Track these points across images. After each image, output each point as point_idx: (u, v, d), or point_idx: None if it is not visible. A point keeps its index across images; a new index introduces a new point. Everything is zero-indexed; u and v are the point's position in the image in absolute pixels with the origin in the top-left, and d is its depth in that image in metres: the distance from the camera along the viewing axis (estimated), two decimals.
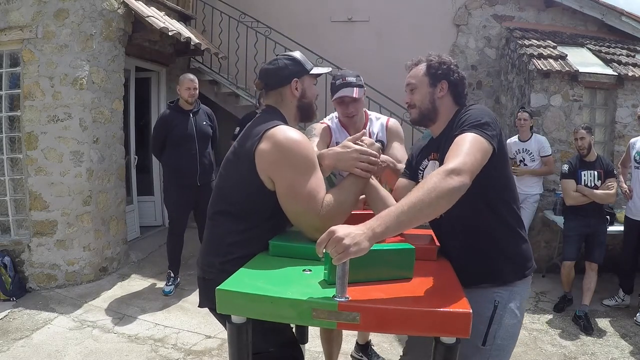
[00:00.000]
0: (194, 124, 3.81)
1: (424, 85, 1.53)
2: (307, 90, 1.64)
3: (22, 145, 3.95)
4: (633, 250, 3.77)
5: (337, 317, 1.08)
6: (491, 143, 1.33)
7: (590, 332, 3.35)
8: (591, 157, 3.73)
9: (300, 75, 1.61)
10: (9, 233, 4.04)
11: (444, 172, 1.21)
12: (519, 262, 1.49)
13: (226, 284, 1.20)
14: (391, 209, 1.18)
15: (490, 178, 1.39)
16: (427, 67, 1.54)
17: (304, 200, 1.42)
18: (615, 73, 4.76)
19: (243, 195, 1.49)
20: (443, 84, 1.52)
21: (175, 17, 5.44)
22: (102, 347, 2.99)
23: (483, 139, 1.32)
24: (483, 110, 1.44)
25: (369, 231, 1.11)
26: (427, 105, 1.54)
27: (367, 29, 6.46)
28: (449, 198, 1.19)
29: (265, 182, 1.45)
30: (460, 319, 1.05)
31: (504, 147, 1.44)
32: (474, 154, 1.27)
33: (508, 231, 1.48)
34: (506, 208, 1.47)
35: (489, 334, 1.39)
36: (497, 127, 1.39)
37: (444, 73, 1.52)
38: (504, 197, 1.47)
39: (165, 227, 5.40)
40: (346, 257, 1.07)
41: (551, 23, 6.12)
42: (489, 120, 1.37)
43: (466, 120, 1.39)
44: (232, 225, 1.49)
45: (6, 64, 4.01)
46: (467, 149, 1.28)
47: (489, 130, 1.34)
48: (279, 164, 1.42)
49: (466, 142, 1.30)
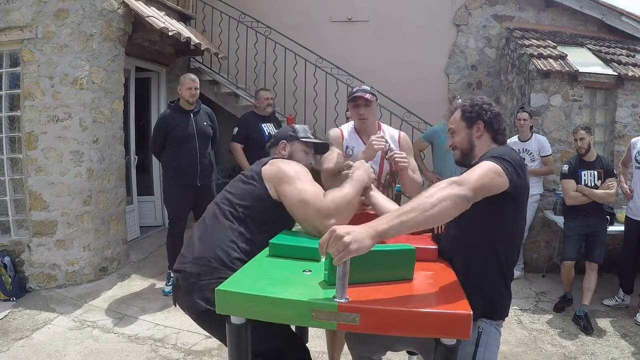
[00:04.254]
0: (195, 124, 3.81)
1: (461, 129, 1.65)
2: (295, 153, 1.93)
3: (22, 145, 3.95)
4: (633, 250, 3.76)
5: (337, 318, 1.08)
6: (506, 175, 1.37)
7: (590, 332, 3.35)
8: (591, 157, 3.73)
9: (290, 140, 1.95)
10: (9, 233, 4.03)
11: (448, 181, 1.28)
12: (493, 305, 1.49)
13: (226, 284, 1.20)
14: (395, 210, 1.21)
15: (498, 215, 1.44)
16: (462, 113, 1.66)
17: (310, 195, 1.63)
18: (615, 73, 4.75)
19: (248, 200, 1.69)
20: (479, 125, 1.62)
21: (175, 17, 5.44)
22: (102, 347, 2.99)
23: (497, 167, 1.37)
24: (508, 151, 1.50)
25: (371, 230, 1.12)
26: (466, 145, 1.65)
27: (367, 29, 6.45)
28: (450, 203, 1.22)
29: (271, 192, 1.67)
30: (460, 320, 1.05)
31: (521, 193, 1.46)
32: (482, 176, 1.33)
33: (496, 273, 1.49)
34: (503, 251, 1.49)
35: (477, 353, 1.42)
36: (519, 169, 1.42)
37: (477, 114, 1.62)
38: (506, 241, 1.49)
39: (165, 227, 5.40)
40: (347, 255, 1.07)
41: (551, 23, 6.12)
42: (509, 159, 1.41)
43: (488, 153, 1.50)
44: (225, 230, 1.64)
45: (6, 64, 4.01)
46: (478, 170, 1.36)
47: (507, 166, 1.38)
48: (281, 175, 1.69)
49: (480, 166, 1.38)
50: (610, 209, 4.04)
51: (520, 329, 3.43)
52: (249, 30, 5.81)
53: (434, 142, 4.38)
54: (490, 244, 1.47)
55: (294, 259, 1.43)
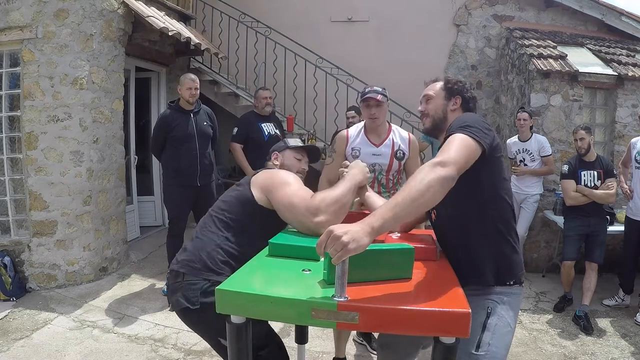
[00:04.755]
0: (195, 124, 3.81)
1: (439, 97, 1.69)
2: (287, 161, 2.03)
3: (22, 145, 3.95)
4: (633, 250, 3.76)
5: (337, 317, 1.08)
6: (480, 143, 1.40)
7: (590, 332, 3.35)
8: (591, 157, 3.73)
9: (281, 150, 2.06)
10: (9, 233, 4.04)
11: (431, 165, 1.29)
12: (503, 268, 1.51)
13: (226, 284, 1.20)
14: (386, 203, 1.23)
15: (480, 181, 1.47)
16: (445, 82, 1.71)
17: (293, 196, 1.66)
18: (615, 73, 4.75)
19: (238, 206, 1.76)
20: (457, 99, 1.67)
21: (175, 17, 5.44)
22: (102, 347, 2.99)
23: (469, 138, 1.40)
24: (471, 116, 1.53)
25: (367, 227, 1.13)
26: (439, 115, 1.68)
27: (367, 29, 6.45)
28: (439, 187, 1.25)
29: (260, 200, 1.73)
30: (459, 318, 1.05)
31: (497, 152, 1.49)
32: (459, 150, 1.35)
33: (496, 236, 1.52)
34: (497, 214, 1.52)
35: (482, 339, 1.41)
36: (486, 131, 1.45)
37: (459, 89, 1.68)
38: (494, 203, 1.52)
39: (165, 227, 5.40)
40: (346, 254, 1.08)
41: (551, 23, 6.12)
42: (476, 124, 1.45)
43: (454, 124, 1.50)
44: (212, 234, 1.72)
45: (6, 64, 4.01)
46: (453, 146, 1.37)
47: (477, 132, 1.41)
48: (270, 181, 1.75)
49: (453, 141, 1.39)
50: (610, 209, 4.04)
51: (520, 329, 3.43)
52: (249, 30, 5.81)
53: (434, 142, 4.38)
54: (477, 208, 1.50)
55: (293, 259, 1.43)
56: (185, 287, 1.63)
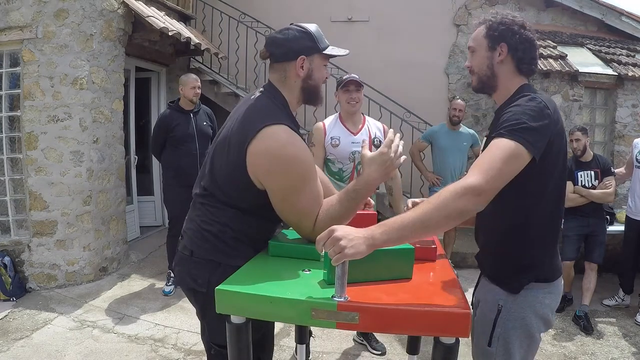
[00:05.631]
0: (195, 124, 3.81)
1: (482, 48, 1.39)
2: (315, 71, 1.46)
3: (22, 145, 3.95)
4: (633, 250, 3.75)
5: (337, 317, 1.08)
6: (529, 149, 1.18)
7: (590, 332, 3.35)
8: (587, 157, 3.73)
9: (310, 53, 1.43)
10: (9, 233, 4.04)
11: (462, 190, 1.12)
12: (526, 273, 1.35)
13: (225, 284, 1.20)
14: (397, 218, 1.14)
15: (526, 187, 1.27)
16: (487, 29, 1.39)
17: (297, 214, 1.39)
18: (615, 73, 4.76)
19: (232, 188, 1.41)
20: (502, 47, 1.36)
21: (175, 17, 5.45)
22: (102, 347, 2.99)
23: (515, 148, 1.17)
24: (531, 108, 1.23)
25: (370, 238, 1.10)
26: (485, 71, 1.39)
27: (367, 28, 6.46)
28: (458, 219, 1.13)
29: (255, 182, 1.37)
30: (459, 319, 1.05)
31: (552, 156, 1.26)
32: (500, 168, 1.15)
33: (535, 240, 1.35)
34: (540, 220, 1.33)
35: (493, 335, 1.37)
36: (544, 131, 1.21)
37: (501, 35, 1.36)
38: (539, 208, 1.32)
39: (165, 227, 5.40)
40: (343, 258, 1.07)
41: (551, 23, 6.12)
42: (533, 125, 1.19)
43: (507, 119, 1.23)
44: (216, 210, 1.45)
45: (6, 64, 4.01)
46: (496, 160, 1.16)
47: (531, 136, 1.18)
48: (273, 176, 1.34)
49: (497, 151, 1.18)
50: (610, 209, 4.04)
51: None
52: (249, 30, 5.82)
53: (434, 142, 4.38)
54: (519, 211, 1.32)
55: (293, 259, 1.43)
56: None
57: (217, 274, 1.36)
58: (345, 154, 2.67)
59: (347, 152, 2.66)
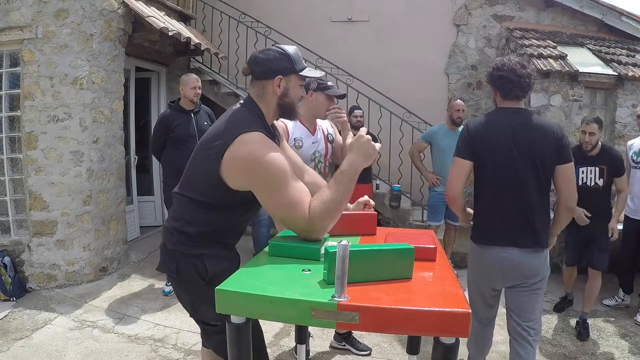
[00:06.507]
0: (195, 124, 3.81)
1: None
2: (291, 90, 1.58)
3: (22, 145, 3.95)
4: (632, 250, 3.75)
5: (337, 317, 1.08)
6: (464, 158, 2.10)
7: (584, 339, 3.24)
8: (594, 151, 3.26)
9: (287, 74, 1.56)
10: (9, 233, 4.04)
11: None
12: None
13: (225, 284, 1.20)
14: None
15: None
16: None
17: (286, 207, 1.44)
18: (615, 73, 4.76)
19: (204, 188, 1.53)
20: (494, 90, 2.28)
21: (175, 17, 5.45)
22: (102, 347, 2.99)
23: (459, 160, 2.12)
24: (462, 130, 2.30)
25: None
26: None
27: (367, 29, 6.46)
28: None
29: (229, 183, 1.47)
30: (459, 319, 1.05)
31: (480, 154, 2.10)
32: (456, 178, 2.14)
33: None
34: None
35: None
36: (464, 139, 2.09)
37: (489, 80, 2.26)
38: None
39: None
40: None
41: (551, 23, 6.12)
42: (460, 141, 2.12)
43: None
44: (195, 208, 1.57)
45: (6, 64, 4.01)
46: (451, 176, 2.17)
47: (460, 149, 2.11)
48: (252, 176, 1.44)
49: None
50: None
51: None
52: (249, 30, 5.82)
53: (433, 143, 4.38)
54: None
55: (293, 259, 1.43)
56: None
57: (183, 260, 1.58)
58: (308, 155, 2.54)
59: (309, 153, 2.55)
